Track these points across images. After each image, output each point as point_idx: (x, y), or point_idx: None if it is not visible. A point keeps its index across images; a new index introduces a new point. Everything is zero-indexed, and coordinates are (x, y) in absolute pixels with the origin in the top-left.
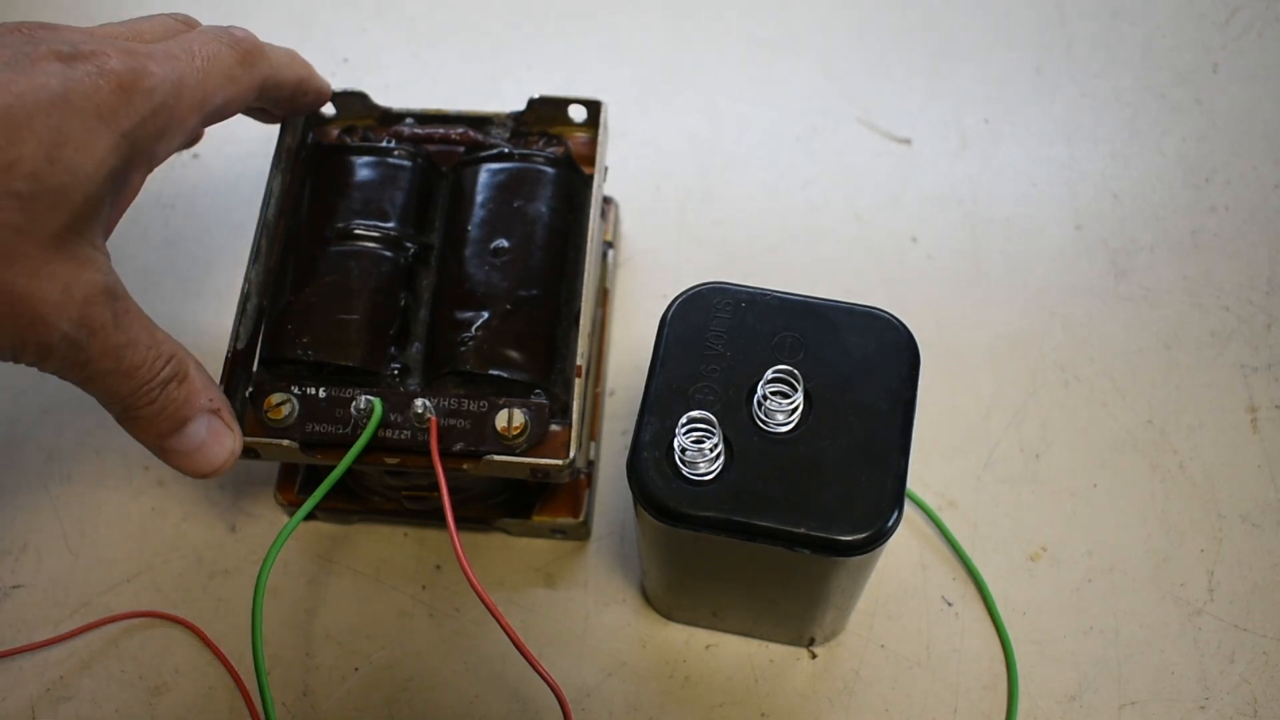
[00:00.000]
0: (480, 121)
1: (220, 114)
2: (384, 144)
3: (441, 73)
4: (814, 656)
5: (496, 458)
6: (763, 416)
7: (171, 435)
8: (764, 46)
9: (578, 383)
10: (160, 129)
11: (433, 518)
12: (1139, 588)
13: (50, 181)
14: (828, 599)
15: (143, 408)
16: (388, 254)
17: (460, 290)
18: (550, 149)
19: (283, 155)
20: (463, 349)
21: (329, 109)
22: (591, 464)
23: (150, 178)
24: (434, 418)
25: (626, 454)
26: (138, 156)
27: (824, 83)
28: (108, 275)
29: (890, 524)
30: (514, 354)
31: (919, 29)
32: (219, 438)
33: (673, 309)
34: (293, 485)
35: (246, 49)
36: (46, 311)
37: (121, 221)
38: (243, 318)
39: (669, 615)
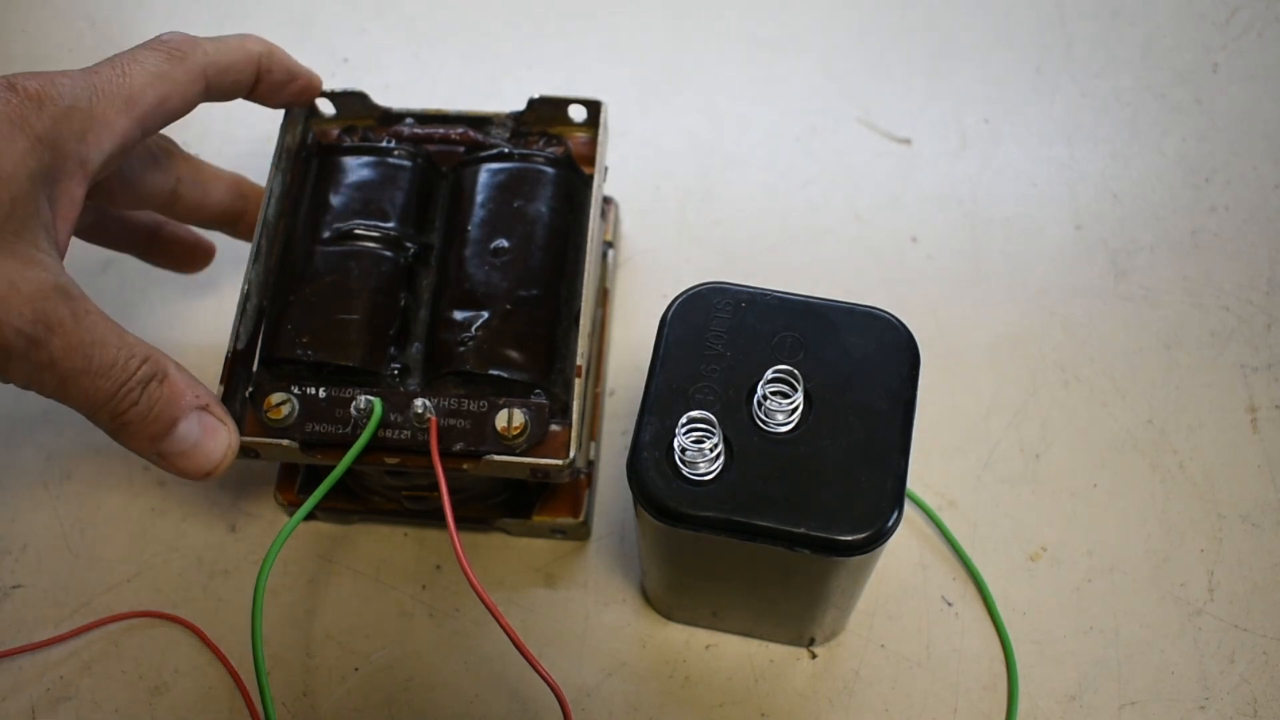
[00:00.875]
0: (480, 121)
1: (163, 111)
2: (384, 144)
3: (441, 73)
4: (814, 656)
5: (496, 458)
6: (763, 416)
7: (164, 437)
8: (764, 46)
9: (578, 383)
10: (80, 130)
11: (433, 518)
12: (1139, 588)
13: None
14: (828, 599)
15: (127, 411)
16: (388, 254)
17: (460, 290)
18: (550, 149)
19: (283, 155)
20: (463, 349)
21: (328, 108)
22: (591, 464)
23: None
24: (434, 418)
25: (626, 454)
26: (63, 160)
27: (824, 83)
28: (58, 276)
29: (890, 524)
30: (514, 354)
31: (919, 29)
32: (213, 433)
33: (673, 309)
34: (293, 485)
35: (172, 46)
36: None
37: None
38: (243, 318)
39: (669, 615)
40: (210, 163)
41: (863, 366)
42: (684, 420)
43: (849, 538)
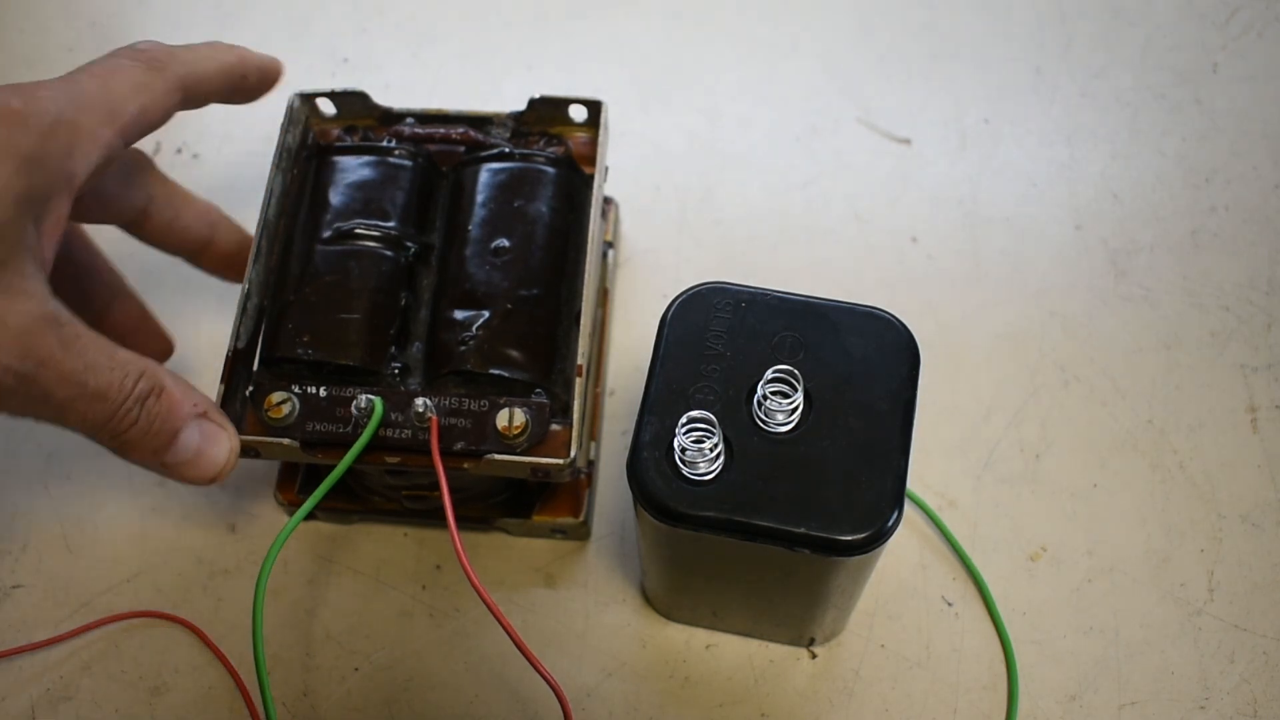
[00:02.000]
0: (480, 121)
1: (143, 122)
2: (384, 144)
3: (441, 73)
4: (814, 656)
5: (497, 457)
6: (763, 416)
7: (167, 449)
8: (764, 46)
9: (578, 382)
10: (66, 146)
11: (433, 517)
12: (1139, 588)
13: None
14: (828, 599)
15: (128, 429)
16: (388, 253)
17: (461, 290)
18: (550, 149)
19: (283, 155)
20: (463, 348)
21: (328, 108)
22: (591, 464)
23: None
24: (435, 417)
25: (626, 454)
26: (50, 179)
27: (824, 83)
28: (44, 304)
29: (890, 524)
30: (514, 353)
31: (919, 29)
32: (214, 439)
33: (673, 309)
34: (293, 485)
35: (150, 56)
36: None
37: None
38: (243, 317)
39: (669, 615)
40: (185, 188)
41: (863, 366)
42: (684, 420)
43: (849, 538)
